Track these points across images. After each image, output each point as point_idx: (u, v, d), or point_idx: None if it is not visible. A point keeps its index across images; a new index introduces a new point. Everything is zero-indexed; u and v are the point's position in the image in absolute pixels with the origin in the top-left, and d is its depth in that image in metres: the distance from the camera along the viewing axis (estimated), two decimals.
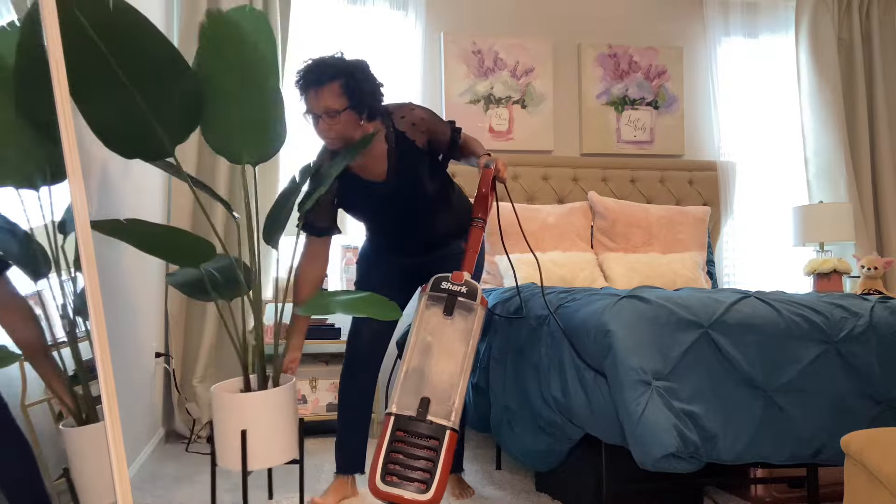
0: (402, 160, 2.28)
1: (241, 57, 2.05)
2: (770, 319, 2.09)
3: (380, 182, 2.31)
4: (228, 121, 2.12)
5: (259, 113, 2.13)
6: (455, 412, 1.92)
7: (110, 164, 2.44)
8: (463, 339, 2.00)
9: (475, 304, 2.04)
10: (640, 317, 2.02)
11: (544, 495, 2.51)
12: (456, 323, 2.02)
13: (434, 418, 1.90)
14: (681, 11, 4.33)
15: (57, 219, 1.81)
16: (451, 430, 1.89)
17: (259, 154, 2.19)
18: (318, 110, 2.13)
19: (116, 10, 1.78)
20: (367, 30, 3.89)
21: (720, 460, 1.97)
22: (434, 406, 1.91)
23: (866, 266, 3.58)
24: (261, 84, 2.09)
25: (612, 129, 4.17)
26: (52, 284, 1.79)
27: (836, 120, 4.18)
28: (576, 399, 2.08)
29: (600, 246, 3.75)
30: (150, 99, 1.91)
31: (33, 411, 1.73)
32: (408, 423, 1.89)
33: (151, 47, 1.85)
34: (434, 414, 1.90)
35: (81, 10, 1.74)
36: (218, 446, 2.15)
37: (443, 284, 2.06)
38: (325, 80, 2.10)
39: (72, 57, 1.68)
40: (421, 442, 1.87)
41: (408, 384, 1.94)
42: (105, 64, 1.81)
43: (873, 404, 2.09)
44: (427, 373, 1.95)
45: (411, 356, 1.97)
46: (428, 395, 1.92)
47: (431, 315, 2.03)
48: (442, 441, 1.87)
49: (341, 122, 2.14)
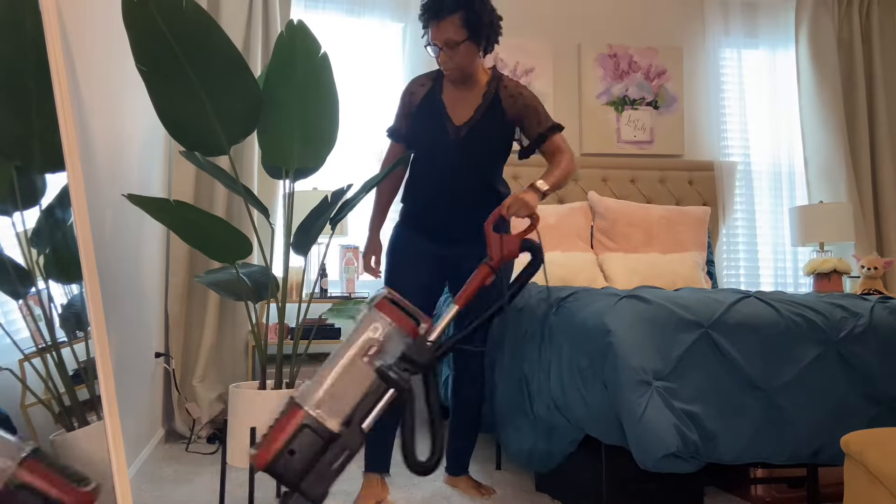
0: (484, 117, 2.36)
1: (309, 66, 2.28)
2: (770, 319, 2.08)
3: (456, 124, 2.37)
4: (287, 128, 2.32)
5: (316, 123, 2.34)
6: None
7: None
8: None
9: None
10: (641, 317, 2.02)
11: (544, 495, 2.51)
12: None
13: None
14: (681, 11, 4.32)
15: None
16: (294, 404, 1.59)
17: (311, 162, 2.42)
18: (439, 42, 2.24)
19: (188, 11, 1.99)
20: (366, 41, 3.88)
21: (720, 460, 1.97)
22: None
23: (866, 266, 3.58)
24: (323, 95, 2.31)
25: (612, 129, 4.17)
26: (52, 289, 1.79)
27: (836, 120, 4.18)
28: (575, 399, 2.08)
29: (600, 246, 3.74)
30: (212, 96, 2.11)
31: (33, 411, 1.73)
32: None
33: (217, 48, 2.06)
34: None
35: (158, 9, 1.95)
36: (230, 444, 2.19)
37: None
38: (446, 13, 2.21)
39: (145, 50, 1.98)
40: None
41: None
42: (175, 59, 2.02)
43: (873, 404, 2.09)
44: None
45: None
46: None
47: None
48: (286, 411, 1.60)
49: (461, 53, 2.25)
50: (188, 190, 3.48)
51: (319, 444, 1.54)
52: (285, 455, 1.53)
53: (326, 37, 3.85)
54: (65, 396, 1.79)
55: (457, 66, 2.29)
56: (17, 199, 1.80)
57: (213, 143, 2.22)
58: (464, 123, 2.37)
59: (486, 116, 2.37)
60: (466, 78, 2.35)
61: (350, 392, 1.57)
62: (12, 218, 1.79)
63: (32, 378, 1.73)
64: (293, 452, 1.53)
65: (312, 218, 2.34)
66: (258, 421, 2.14)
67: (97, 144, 2.14)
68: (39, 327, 1.76)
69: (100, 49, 2.26)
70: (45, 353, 1.75)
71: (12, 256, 1.74)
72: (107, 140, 2.32)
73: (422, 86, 2.44)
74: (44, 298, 1.80)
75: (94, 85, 2.17)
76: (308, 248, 2.42)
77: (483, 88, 2.39)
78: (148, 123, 2.93)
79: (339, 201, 2.36)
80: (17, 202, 1.80)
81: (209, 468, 2.85)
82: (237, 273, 2.36)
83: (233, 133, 2.23)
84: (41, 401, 1.75)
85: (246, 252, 2.25)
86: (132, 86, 2.56)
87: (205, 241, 2.25)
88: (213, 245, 2.24)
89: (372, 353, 1.59)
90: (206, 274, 2.60)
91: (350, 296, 3.45)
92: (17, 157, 1.70)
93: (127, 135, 2.62)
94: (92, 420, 1.77)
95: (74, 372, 1.81)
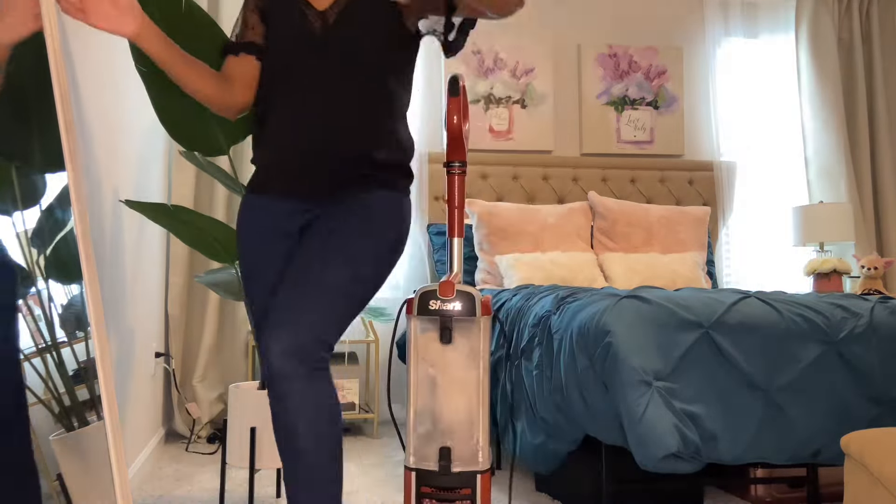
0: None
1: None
2: (770, 320, 2.08)
3: (318, 8, 1.64)
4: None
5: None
6: (482, 451, 1.66)
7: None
8: (471, 363, 1.67)
9: (476, 317, 1.64)
10: (641, 317, 2.02)
11: (544, 495, 2.51)
12: (458, 346, 1.67)
13: (460, 465, 1.64)
14: (681, 11, 4.32)
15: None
16: (482, 472, 1.64)
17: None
18: None
19: (188, 11, 1.98)
20: None
21: (720, 460, 1.97)
22: (457, 452, 1.65)
23: (866, 266, 3.57)
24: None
25: (612, 129, 4.16)
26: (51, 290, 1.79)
27: (836, 120, 4.18)
28: (576, 400, 2.08)
29: (600, 246, 3.75)
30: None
31: (33, 411, 1.73)
32: (431, 478, 1.64)
33: (217, 49, 1.89)
34: (459, 460, 1.64)
35: (159, 9, 1.94)
36: (230, 444, 2.19)
37: (431, 304, 1.65)
38: None
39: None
40: (451, 495, 1.64)
41: (420, 430, 1.67)
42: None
43: (873, 404, 2.09)
44: (439, 413, 1.66)
45: (415, 396, 1.67)
46: (447, 443, 1.65)
47: (427, 342, 1.68)
48: (475, 488, 1.63)
49: None
50: (188, 190, 3.48)
51: None
52: None
53: None
54: (65, 396, 1.79)
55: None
56: (17, 199, 1.80)
57: (213, 143, 2.22)
58: (330, 6, 1.63)
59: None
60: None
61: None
62: (12, 218, 1.79)
63: (32, 378, 1.73)
64: None
65: None
66: (258, 421, 2.15)
67: (97, 144, 2.14)
68: (39, 327, 1.76)
69: (100, 49, 2.26)
70: (45, 353, 1.75)
71: (12, 256, 1.74)
72: (107, 140, 2.32)
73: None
74: (44, 298, 1.80)
75: (94, 85, 2.17)
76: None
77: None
78: (148, 124, 2.93)
79: None
80: (17, 202, 1.80)
81: (209, 468, 2.85)
82: (237, 273, 2.37)
83: (232, 133, 2.23)
84: (41, 401, 1.75)
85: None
86: (132, 86, 2.56)
87: (204, 243, 2.26)
88: (212, 246, 2.25)
89: None
90: (206, 274, 2.60)
91: None
92: (17, 158, 1.70)
93: (127, 135, 2.62)
94: (92, 420, 1.77)
95: (74, 372, 1.81)
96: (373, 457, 3.04)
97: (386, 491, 2.52)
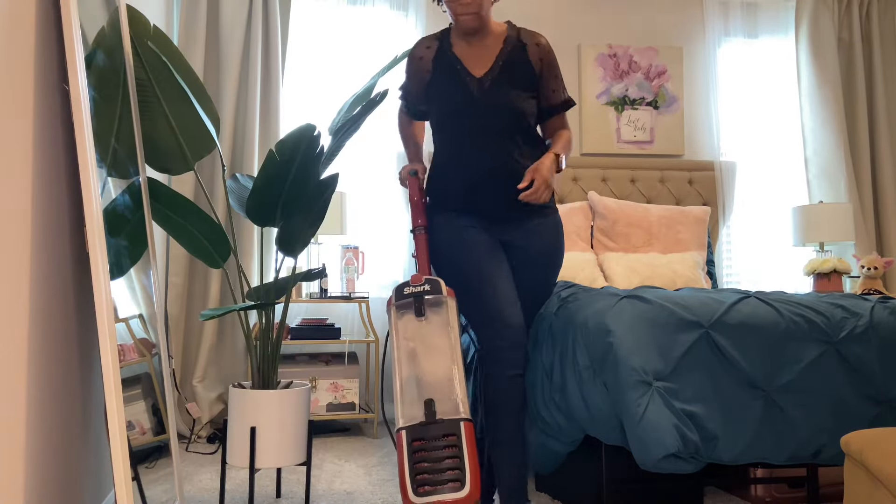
0: (508, 61, 2.18)
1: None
2: (770, 320, 2.09)
3: (476, 76, 2.18)
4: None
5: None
6: (462, 402, 1.88)
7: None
8: (443, 332, 1.96)
9: (442, 296, 1.99)
10: (641, 317, 2.02)
11: (544, 495, 2.51)
12: (431, 321, 1.98)
13: (444, 416, 1.86)
14: (681, 11, 4.33)
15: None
16: (465, 420, 1.85)
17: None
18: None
19: (155, 40, 2.14)
20: (368, 30, 3.89)
21: (720, 460, 1.98)
22: (440, 405, 1.88)
23: (866, 266, 3.58)
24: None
25: (612, 128, 4.17)
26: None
27: (836, 120, 4.18)
28: (576, 400, 2.08)
29: (600, 246, 3.75)
30: (177, 119, 2.23)
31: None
32: (420, 431, 1.85)
33: (182, 73, 2.21)
34: (443, 412, 1.87)
35: (136, 37, 2.11)
36: (230, 444, 2.20)
37: (405, 290, 2.02)
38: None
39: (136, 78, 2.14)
40: (439, 443, 1.83)
41: (407, 395, 1.91)
42: (148, 86, 2.17)
43: (873, 404, 2.10)
44: (421, 376, 1.93)
45: (400, 368, 1.94)
46: (430, 397, 1.90)
47: (405, 322, 1.99)
48: (459, 434, 1.83)
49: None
50: (188, 189, 3.48)
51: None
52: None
53: (327, 27, 3.86)
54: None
55: (477, 5, 2.10)
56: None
57: (181, 160, 2.32)
58: (485, 74, 2.18)
59: (510, 63, 2.18)
60: (481, 27, 2.17)
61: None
62: None
63: None
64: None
65: (298, 222, 2.35)
66: (258, 421, 2.15)
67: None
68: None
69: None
70: None
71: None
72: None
73: (428, 48, 2.26)
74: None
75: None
76: (295, 248, 2.40)
77: (499, 37, 2.22)
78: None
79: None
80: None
81: (209, 468, 2.85)
82: (238, 272, 2.38)
83: (196, 150, 2.32)
84: None
85: (226, 255, 2.35)
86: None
87: (198, 248, 2.35)
88: (207, 247, 2.36)
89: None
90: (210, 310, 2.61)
91: (350, 295, 3.45)
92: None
93: None
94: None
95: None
96: (373, 457, 3.04)
97: (386, 491, 2.52)
